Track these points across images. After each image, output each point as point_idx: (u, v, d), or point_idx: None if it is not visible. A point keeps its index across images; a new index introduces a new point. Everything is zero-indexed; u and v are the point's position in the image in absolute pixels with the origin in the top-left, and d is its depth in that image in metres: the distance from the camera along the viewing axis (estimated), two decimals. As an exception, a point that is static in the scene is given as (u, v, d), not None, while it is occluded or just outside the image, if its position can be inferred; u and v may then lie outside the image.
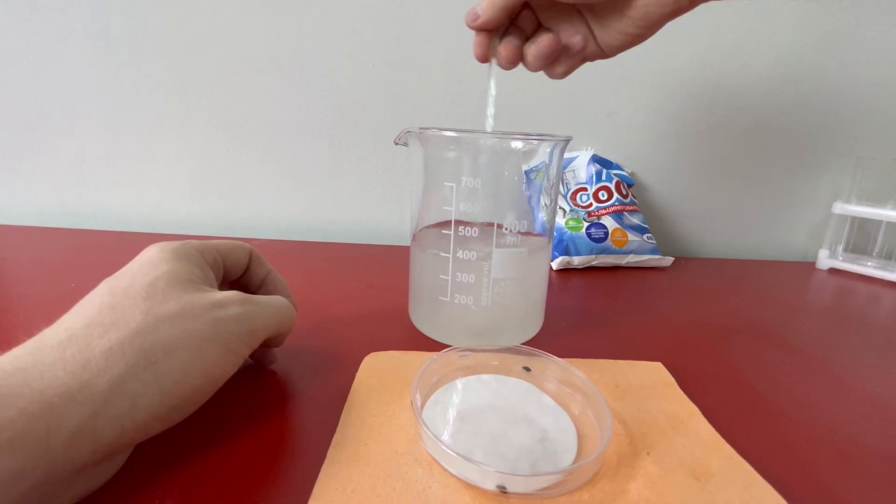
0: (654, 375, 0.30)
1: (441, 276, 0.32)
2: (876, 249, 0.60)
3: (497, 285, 0.31)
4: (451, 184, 0.30)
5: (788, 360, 0.35)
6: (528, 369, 0.28)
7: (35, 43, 0.60)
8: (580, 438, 0.24)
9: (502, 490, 0.20)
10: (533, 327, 0.36)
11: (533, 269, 0.33)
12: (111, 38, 0.59)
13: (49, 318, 0.20)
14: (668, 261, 0.57)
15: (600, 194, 0.57)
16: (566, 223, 0.56)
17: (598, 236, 0.54)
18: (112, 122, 0.62)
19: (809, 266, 0.62)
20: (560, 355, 0.28)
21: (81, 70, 0.61)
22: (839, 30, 0.60)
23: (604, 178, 0.58)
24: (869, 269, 0.58)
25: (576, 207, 0.58)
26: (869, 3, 0.59)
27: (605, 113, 0.62)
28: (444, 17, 0.58)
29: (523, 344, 0.31)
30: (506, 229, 0.30)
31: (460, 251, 0.31)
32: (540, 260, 0.34)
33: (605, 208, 0.57)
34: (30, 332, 0.19)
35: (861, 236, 0.61)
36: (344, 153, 0.63)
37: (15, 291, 0.41)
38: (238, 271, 0.29)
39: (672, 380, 0.30)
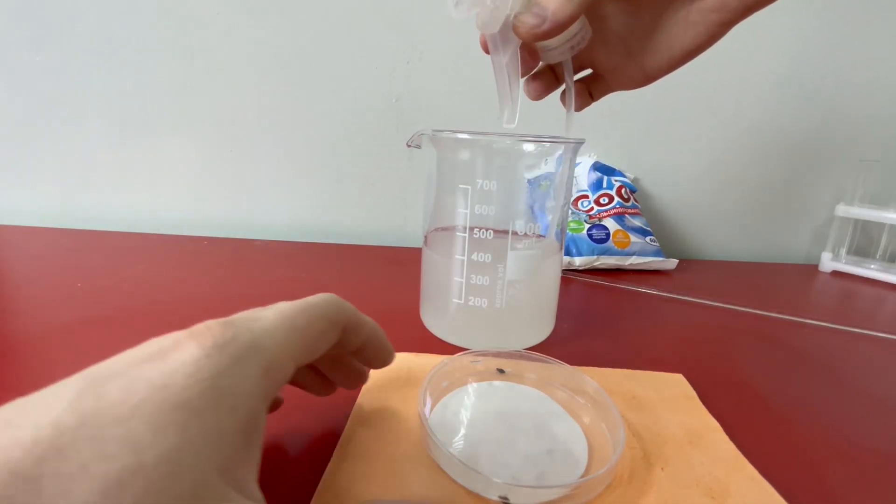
0: (674, 387, 0.29)
1: (455, 279, 0.32)
2: (879, 252, 0.61)
3: (511, 287, 0.31)
4: (465, 186, 0.30)
5: (795, 363, 0.35)
6: (529, 374, 0.28)
7: (41, 45, 0.59)
8: (591, 450, 0.23)
9: (505, 501, 0.19)
10: (545, 329, 0.36)
11: (546, 271, 0.33)
12: (116, 41, 0.59)
13: (51, 319, 0.19)
14: (672, 263, 0.57)
15: (601, 200, 0.58)
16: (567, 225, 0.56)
17: (599, 237, 0.54)
18: (117, 124, 0.62)
19: (812, 269, 0.62)
20: (573, 361, 0.28)
21: (86, 72, 0.60)
22: (841, 30, 0.60)
23: (605, 185, 0.58)
24: (872, 271, 0.58)
25: (577, 212, 0.58)
26: (871, 5, 0.59)
27: (606, 114, 0.62)
28: (448, 18, 0.58)
29: (536, 349, 0.31)
30: (520, 231, 0.30)
31: (475, 253, 0.31)
32: (553, 262, 0.34)
33: (605, 211, 0.57)
34: (33, 335, 0.18)
35: (864, 239, 0.62)
36: (348, 154, 0.63)
37: (18, 292, 0.41)
38: (320, 353, 0.20)
39: (693, 393, 0.29)
